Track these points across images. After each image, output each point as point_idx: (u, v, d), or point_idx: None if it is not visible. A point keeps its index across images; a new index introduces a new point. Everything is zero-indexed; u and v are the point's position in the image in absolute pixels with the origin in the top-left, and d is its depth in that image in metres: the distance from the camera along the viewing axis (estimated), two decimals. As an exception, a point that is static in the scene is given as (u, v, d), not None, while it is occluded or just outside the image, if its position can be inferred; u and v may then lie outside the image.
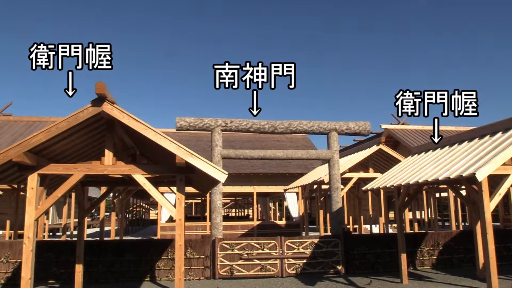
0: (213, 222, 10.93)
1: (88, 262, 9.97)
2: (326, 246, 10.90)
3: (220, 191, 11.07)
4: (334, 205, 11.55)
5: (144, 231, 32.52)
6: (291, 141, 27.56)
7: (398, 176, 9.23)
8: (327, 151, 11.74)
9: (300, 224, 22.11)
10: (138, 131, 6.60)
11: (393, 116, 28.70)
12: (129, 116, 6.55)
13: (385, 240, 11.32)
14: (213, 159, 11.13)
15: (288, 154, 11.55)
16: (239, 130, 11.45)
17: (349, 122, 11.96)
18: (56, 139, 6.62)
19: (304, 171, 22.09)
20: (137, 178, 6.98)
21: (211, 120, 11.34)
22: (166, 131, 25.56)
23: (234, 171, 21.19)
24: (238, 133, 27.40)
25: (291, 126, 11.58)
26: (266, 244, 10.67)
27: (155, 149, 7.92)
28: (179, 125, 11.14)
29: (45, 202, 6.64)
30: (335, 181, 11.67)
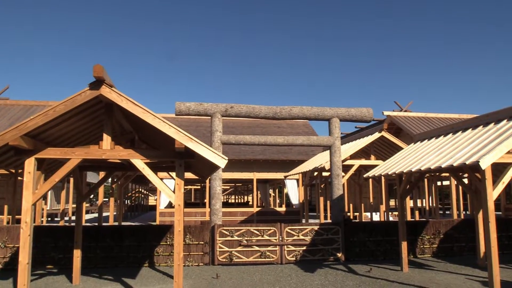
0: (212, 208, 10.95)
1: (87, 248, 10.01)
2: (326, 233, 10.94)
3: (219, 177, 11.07)
4: (335, 192, 11.56)
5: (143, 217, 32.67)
6: (292, 128, 27.51)
7: (400, 163, 9.21)
8: (328, 138, 11.71)
9: (300, 211, 22.17)
10: (136, 115, 6.56)
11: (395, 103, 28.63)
12: (128, 99, 6.50)
13: (386, 227, 11.35)
14: (213, 145, 11.11)
15: (289, 140, 11.52)
16: (239, 115, 11.40)
17: (351, 108, 11.91)
18: (54, 123, 6.59)
19: (305, 157, 22.09)
20: (135, 163, 6.96)
21: (211, 105, 11.29)
22: (166, 116, 25.50)
23: (234, 157, 21.18)
24: (239, 119, 27.35)
25: (292, 111, 11.53)
26: (266, 230, 10.70)
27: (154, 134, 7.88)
28: (179, 110, 11.09)
29: (43, 187, 6.63)
30: (336, 168, 11.66)
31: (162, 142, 8.47)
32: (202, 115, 11.40)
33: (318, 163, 16.72)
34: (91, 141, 8.72)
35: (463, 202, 24.26)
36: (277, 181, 27.60)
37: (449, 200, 24.74)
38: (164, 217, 20.86)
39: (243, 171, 22.13)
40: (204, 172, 9.78)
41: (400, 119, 23.58)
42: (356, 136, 18.37)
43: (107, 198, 54.62)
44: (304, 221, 20.61)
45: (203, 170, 9.45)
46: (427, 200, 25.64)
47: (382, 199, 19.54)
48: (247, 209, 22.45)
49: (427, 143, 9.85)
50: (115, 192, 21.39)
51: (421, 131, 20.27)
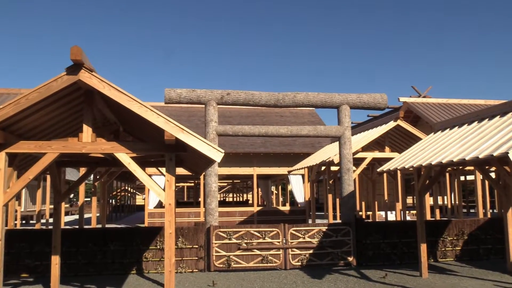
0: (207, 207, 10.95)
1: (66, 253, 10.02)
2: (335, 234, 10.94)
3: (215, 172, 11.06)
4: (345, 189, 11.56)
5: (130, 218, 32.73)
6: (296, 117, 27.48)
7: (418, 156, 9.19)
8: (337, 127, 11.68)
9: (306, 210, 22.20)
10: (120, 103, 6.52)
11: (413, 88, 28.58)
12: (110, 86, 6.46)
13: (403, 228, 11.36)
14: (208, 136, 11.09)
15: (293, 130, 11.50)
16: (237, 103, 11.37)
17: (363, 94, 11.88)
18: (27, 113, 6.55)
19: (311, 150, 22.08)
20: (120, 157, 6.94)
21: (205, 91, 11.25)
22: (154, 105, 25.46)
23: (232, 150, 21.17)
24: (236, 108, 27.31)
25: (296, 98, 11.50)
26: (268, 232, 10.70)
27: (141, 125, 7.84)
28: (169, 98, 11.06)
29: (15, 185, 6.60)
30: (346, 162, 11.65)
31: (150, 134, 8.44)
32: (195, 103, 11.36)
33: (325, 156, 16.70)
34: (70, 133, 8.68)
35: (489, 199, 24.25)
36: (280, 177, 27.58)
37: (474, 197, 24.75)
38: (153, 218, 20.89)
39: (242, 166, 22.13)
40: (197, 167, 9.76)
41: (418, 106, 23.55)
42: (369, 126, 18.34)
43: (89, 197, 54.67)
44: (311, 222, 20.65)
45: (196, 165, 9.42)
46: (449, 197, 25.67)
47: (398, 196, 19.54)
48: (246, 208, 22.47)
49: (449, 132, 9.82)
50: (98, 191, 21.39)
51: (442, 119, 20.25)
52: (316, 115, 28.27)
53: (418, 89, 28.45)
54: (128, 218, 32.27)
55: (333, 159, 14.99)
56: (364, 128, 18.87)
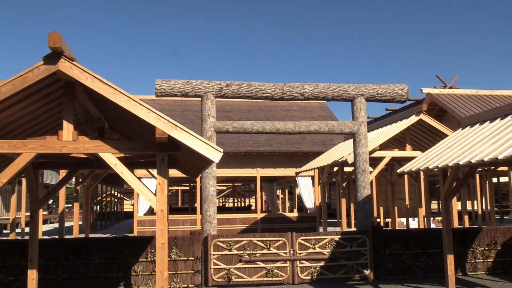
0: (204, 214, 10.96)
1: (45, 267, 10.04)
2: (350, 244, 10.94)
3: (213, 174, 11.06)
4: (361, 193, 11.55)
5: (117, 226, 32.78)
6: (305, 111, 27.47)
7: (444, 154, 9.17)
8: (351, 123, 11.67)
9: (316, 216, 22.19)
10: (105, 96, 6.52)
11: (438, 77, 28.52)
12: (94, 76, 6.46)
13: (426, 237, 11.35)
14: (204, 133, 11.09)
15: (301, 126, 11.49)
16: (237, 95, 11.36)
17: (381, 85, 11.86)
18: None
19: (322, 148, 22.07)
20: (105, 158, 6.94)
21: (201, 82, 11.25)
22: (144, 98, 25.49)
23: (232, 149, 21.18)
24: (237, 101, 27.32)
25: (304, 90, 11.49)
26: (273, 242, 10.70)
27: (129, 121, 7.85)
28: (160, 90, 11.06)
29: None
30: (361, 162, 11.64)
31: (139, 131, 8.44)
32: (190, 96, 11.36)
33: (338, 156, 16.68)
34: (49, 131, 8.70)
35: (525, 204, 24.26)
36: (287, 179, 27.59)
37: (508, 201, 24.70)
38: (143, 226, 20.92)
39: (244, 167, 22.13)
40: (193, 169, 9.77)
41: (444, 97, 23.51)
42: (387, 121, 18.32)
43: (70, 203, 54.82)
44: (322, 230, 20.64)
45: (192, 166, 9.43)
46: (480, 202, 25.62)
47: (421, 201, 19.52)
48: (248, 215, 22.49)
49: (479, 128, 9.80)
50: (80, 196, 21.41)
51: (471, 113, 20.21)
52: (328, 109, 28.25)
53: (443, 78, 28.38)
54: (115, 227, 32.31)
55: (347, 158, 14.96)
56: (382, 124, 18.84)
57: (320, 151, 21.82)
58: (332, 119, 25.78)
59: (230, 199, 55.37)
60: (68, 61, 6.41)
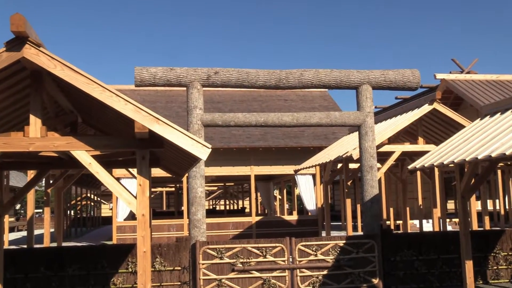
0: (192, 218, 10.94)
1: (11, 281, 10.00)
2: (356, 250, 10.95)
3: (201, 174, 11.04)
4: (367, 192, 11.56)
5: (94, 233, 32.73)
6: (305, 100, 27.47)
7: (460, 148, 9.18)
8: (356, 114, 11.66)
9: (318, 219, 22.23)
10: (77, 87, 6.49)
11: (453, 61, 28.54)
12: (64, 65, 6.43)
13: (442, 241, 11.37)
14: (191, 127, 11.06)
15: (300, 118, 11.47)
16: (227, 84, 11.33)
17: (389, 70, 11.85)
18: (-43, 101, 6.52)
19: (324, 143, 22.08)
20: (79, 156, 6.91)
21: (186, 70, 11.21)
22: (122, 89, 25.41)
23: (222, 145, 21.16)
24: (227, 90, 27.30)
25: (303, 77, 11.47)
26: (270, 248, 10.70)
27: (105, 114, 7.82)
28: (140, 79, 11.02)
29: None
30: (368, 157, 11.64)
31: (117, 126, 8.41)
32: (174, 85, 11.31)
33: (342, 151, 16.70)
34: (13, 127, 8.65)
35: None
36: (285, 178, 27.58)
37: (532, 200, 24.78)
38: (123, 233, 20.89)
39: (236, 164, 22.13)
40: (178, 168, 9.74)
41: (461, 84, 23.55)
42: (397, 111, 18.33)
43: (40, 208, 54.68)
44: (325, 234, 20.67)
45: (177, 165, 9.41)
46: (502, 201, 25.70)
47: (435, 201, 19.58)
48: (242, 218, 22.50)
49: (500, 117, 9.82)
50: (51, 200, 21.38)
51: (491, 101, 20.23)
52: (330, 98, 28.27)
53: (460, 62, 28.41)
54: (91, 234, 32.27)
55: (352, 154, 14.97)
56: (391, 114, 18.86)
57: (322, 146, 21.83)
58: (334, 109, 25.80)
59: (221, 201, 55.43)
60: (34, 47, 6.37)
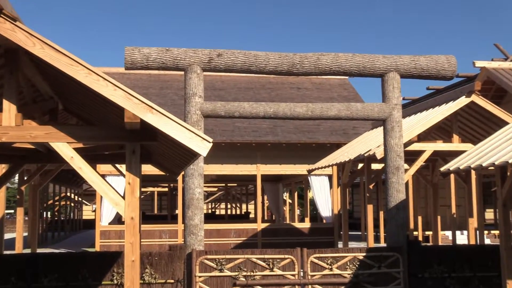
0: (188, 223, 10.96)
1: (-20, 290, 10.05)
2: (378, 265, 10.94)
3: (200, 172, 11.06)
4: (392, 197, 11.54)
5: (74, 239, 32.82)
6: (321, 89, 27.44)
7: (502, 148, 9.15)
8: (381, 106, 11.64)
9: (334, 228, 22.22)
10: (59, 69, 6.50)
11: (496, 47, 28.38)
12: (44, 43, 6.44)
13: (479, 256, 11.34)
14: (189, 118, 11.07)
15: (315, 110, 11.47)
16: (232, 68, 11.32)
17: (420, 56, 11.82)
18: None
19: (342, 139, 22.06)
20: (59, 148, 6.93)
21: (185, 51, 11.22)
22: (111, 72, 25.41)
23: (224, 139, 21.16)
24: (231, 76, 27.26)
25: (320, 62, 11.46)
26: (278, 260, 10.70)
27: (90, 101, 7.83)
28: (131, 61, 11.03)
29: None
30: (394, 157, 11.62)
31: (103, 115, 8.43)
32: (170, 69, 11.32)
33: (364, 149, 16.68)
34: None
35: None
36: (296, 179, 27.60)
37: None
38: (108, 239, 20.94)
39: (240, 162, 22.13)
40: (173, 165, 9.75)
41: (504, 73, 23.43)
42: (429, 104, 18.30)
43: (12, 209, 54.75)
44: (342, 245, 20.66)
45: (172, 161, 9.41)
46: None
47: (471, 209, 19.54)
48: (246, 225, 22.53)
49: (549, 113, 9.78)
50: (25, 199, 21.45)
51: (537, 94, 20.10)
52: (351, 87, 28.22)
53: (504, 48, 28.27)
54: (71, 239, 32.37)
55: (375, 152, 14.93)
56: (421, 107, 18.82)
57: (340, 143, 21.80)
58: (356, 100, 25.75)
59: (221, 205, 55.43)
60: (9, 22, 6.38)
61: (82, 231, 43.31)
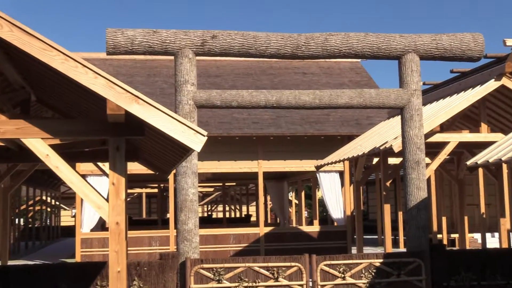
0: (181, 229, 10.98)
1: None
2: (397, 272, 10.96)
3: (194, 170, 11.06)
4: (413, 195, 11.55)
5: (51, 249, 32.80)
6: (330, 74, 27.43)
7: (537, 138, 9.16)
8: (398, 92, 11.64)
9: (347, 231, 22.23)
10: (31, 55, 6.50)
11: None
12: (13, 25, 6.43)
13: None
14: (180, 108, 11.08)
15: (324, 97, 11.47)
16: (229, 52, 11.32)
17: (443, 34, 11.82)
18: None
19: (355, 130, 22.05)
20: (32, 145, 6.93)
21: (174, 33, 11.21)
22: (90, 57, 25.41)
23: (221, 132, 21.16)
24: (228, 60, 27.25)
25: (329, 43, 11.45)
26: (283, 269, 10.72)
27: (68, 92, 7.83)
28: (113, 44, 11.02)
29: None
30: (414, 150, 11.62)
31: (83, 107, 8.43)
32: (158, 54, 11.31)
33: (379, 141, 16.68)
34: None
35: None
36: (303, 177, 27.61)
37: None
38: (90, 248, 20.96)
39: (239, 158, 22.13)
40: (164, 162, 9.76)
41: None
42: (453, 89, 18.29)
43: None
44: (355, 251, 20.69)
45: (161, 158, 9.42)
46: None
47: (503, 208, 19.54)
48: (247, 229, 22.53)
49: None
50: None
51: None
52: (364, 71, 28.21)
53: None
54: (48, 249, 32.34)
55: (392, 145, 14.93)
56: (444, 93, 18.81)
57: (352, 134, 21.80)
58: (369, 86, 25.73)
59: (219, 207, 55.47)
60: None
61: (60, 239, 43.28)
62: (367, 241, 28.79)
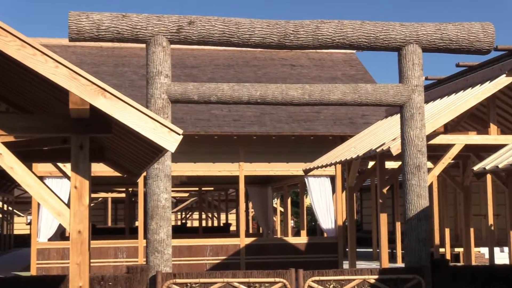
0: (152, 239, 10.98)
1: None
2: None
3: (167, 173, 11.07)
4: (413, 204, 11.59)
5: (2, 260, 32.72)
6: (321, 66, 27.48)
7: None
8: (397, 87, 11.69)
9: (338, 243, 22.28)
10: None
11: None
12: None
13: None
14: (152, 103, 11.08)
15: (314, 92, 11.50)
16: (207, 40, 11.33)
17: (448, 23, 11.87)
18: None
19: (349, 130, 22.11)
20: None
21: (146, 18, 11.20)
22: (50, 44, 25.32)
23: (198, 131, 21.16)
24: (206, 49, 27.26)
25: (320, 31, 11.48)
26: (266, 285, 10.74)
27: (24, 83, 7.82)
28: (77, 30, 10.99)
29: None
30: (414, 152, 11.67)
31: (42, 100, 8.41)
32: (127, 41, 11.31)
33: (376, 143, 16.74)
34: None
35: None
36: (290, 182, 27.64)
37: None
38: (47, 259, 20.89)
39: (217, 160, 22.14)
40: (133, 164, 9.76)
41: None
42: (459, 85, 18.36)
43: None
44: (348, 266, 20.75)
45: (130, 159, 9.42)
46: None
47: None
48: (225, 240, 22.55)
49: None
50: None
51: None
52: (359, 64, 28.28)
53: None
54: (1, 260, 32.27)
55: (390, 147, 14.98)
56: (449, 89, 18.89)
57: (346, 135, 21.86)
58: (365, 81, 25.79)
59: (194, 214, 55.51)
60: None
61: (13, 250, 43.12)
62: (360, 254, 28.89)
